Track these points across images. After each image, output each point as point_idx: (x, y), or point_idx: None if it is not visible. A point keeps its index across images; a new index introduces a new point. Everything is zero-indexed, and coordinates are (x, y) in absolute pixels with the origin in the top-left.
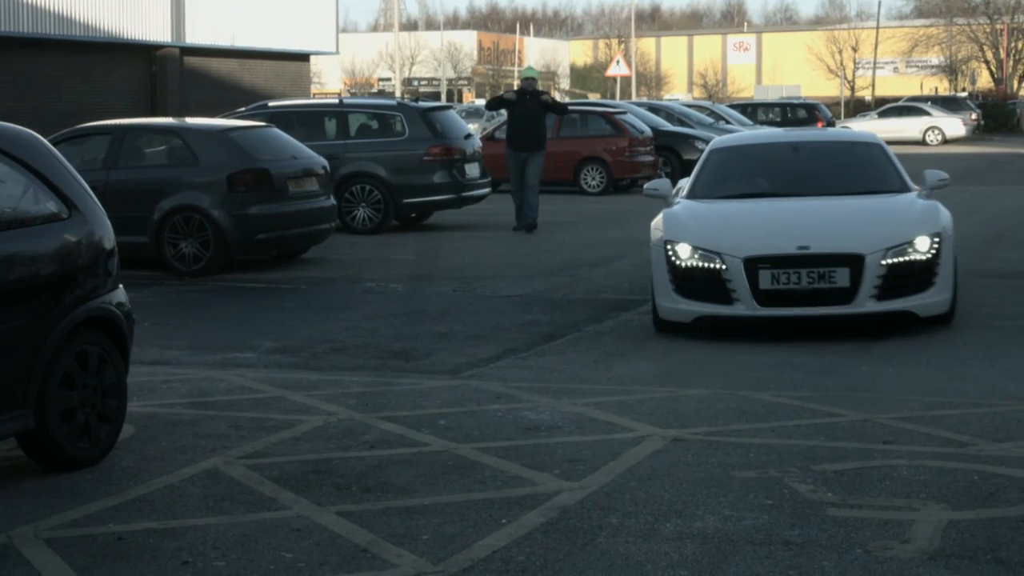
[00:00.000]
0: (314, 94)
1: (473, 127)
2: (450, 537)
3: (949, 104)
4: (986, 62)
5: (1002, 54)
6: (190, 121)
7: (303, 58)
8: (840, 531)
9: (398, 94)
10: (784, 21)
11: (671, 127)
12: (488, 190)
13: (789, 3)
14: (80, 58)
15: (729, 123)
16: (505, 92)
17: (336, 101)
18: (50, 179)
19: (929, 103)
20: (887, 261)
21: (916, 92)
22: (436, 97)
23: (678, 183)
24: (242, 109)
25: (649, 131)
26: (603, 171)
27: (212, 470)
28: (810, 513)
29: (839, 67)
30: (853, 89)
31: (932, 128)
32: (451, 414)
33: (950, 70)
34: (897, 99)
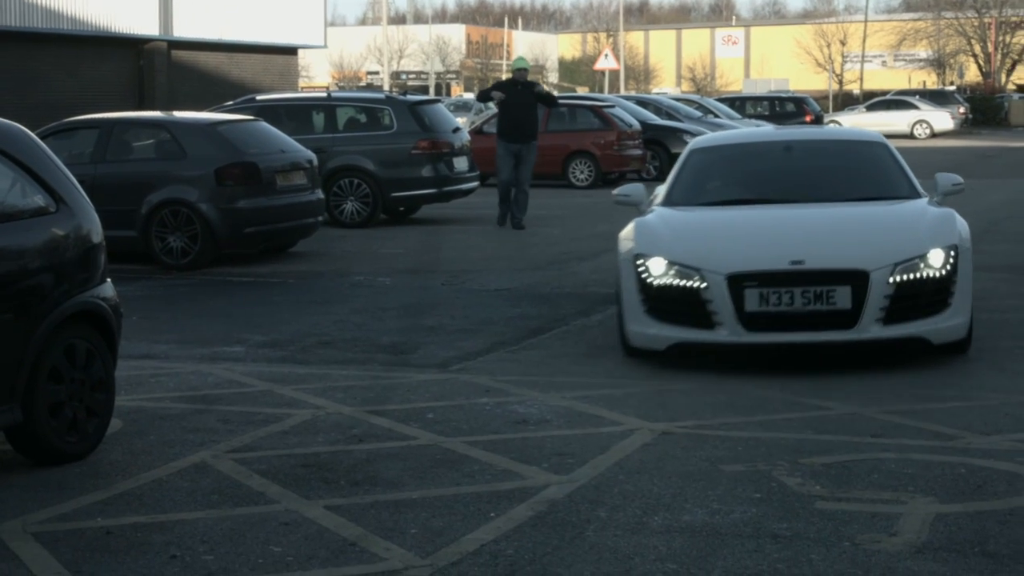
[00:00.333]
0: (302, 88)
1: (461, 121)
2: (438, 531)
3: (937, 98)
4: (974, 56)
5: (990, 48)
6: (178, 115)
7: (291, 52)
8: (828, 524)
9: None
10: (772, 15)
11: (659, 121)
12: (476, 184)
13: None
14: (68, 52)
15: (718, 117)
16: (495, 83)
17: (324, 95)
18: (38, 173)
19: (917, 97)
20: (896, 279)
21: (904, 86)
22: (424, 91)
23: (655, 190)
24: (230, 103)
25: (637, 125)
26: (591, 165)
27: (200, 464)
28: (798, 506)
29: (827, 61)
30: (841, 83)
31: (920, 122)
32: (440, 408)
33: (938, 64)
34: (885, 93)
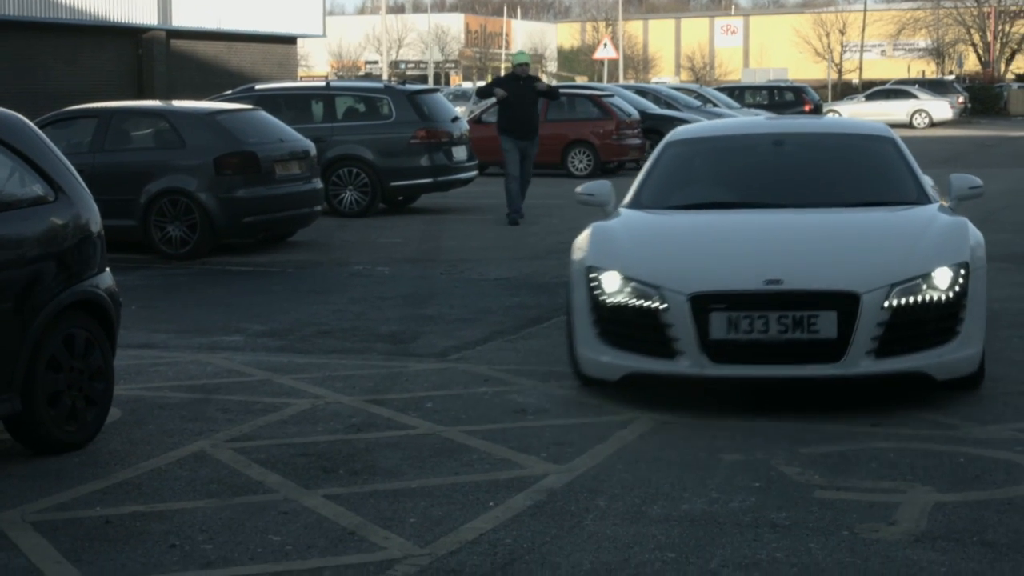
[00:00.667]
0: (301, 77)
1: (460, 110)
2: (437, 520)
3: (936, 87)
4: (973, 45)
5: (989, 37)
6: (177, 104)
7: (290, 41)
8: (827, 513)
9: (385, 77)
10: (771, 4)
11: (659, 110)
12: (475, 173)
13: None
14: (67, 41)
15: (716, 106)
16: (496, 79)
17: (323, 84)
18: (36, 162)
19: (916, 86)
20: (892, 303)
21: (903, 75)
22: (423, 80)
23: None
24: (229, 92)
25: (636, 114)
26: (590, 154)
27: (199, 453)
28: (797, 495)
29: (826, 50)
30: (840, 72)
31: (919, 111)
32: (438, 397)
33: (937, 53)
34: (884, 82)
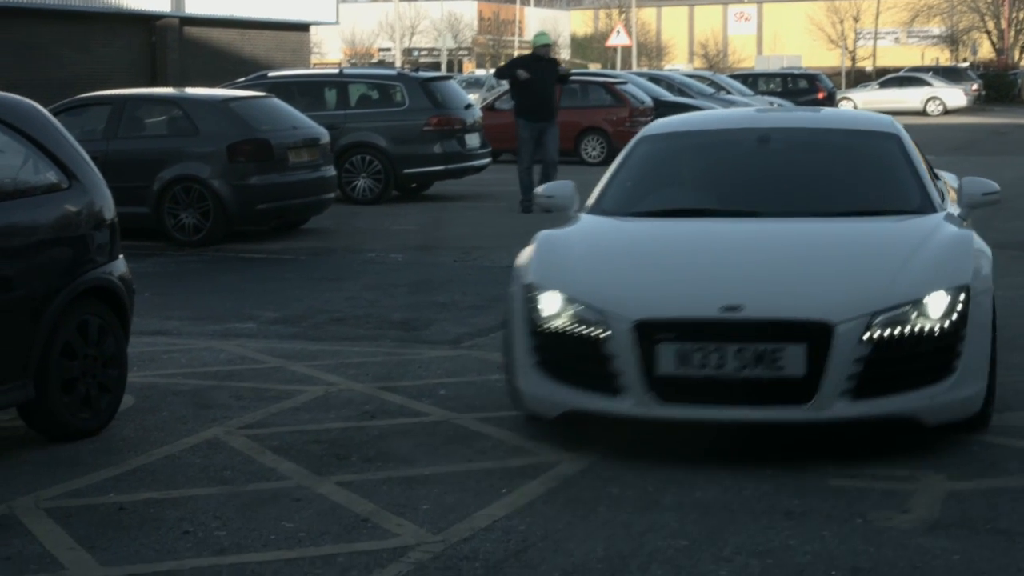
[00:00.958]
0: (314, 64)
1: (473, 97)
2: (450, 507)
3: (950, 74)
4: (987, 32)
5: (1003, 24)
6: (190, 91)
7: (303, 28)
8: (841, 501)
9: (398, 64)
10: None
11: (672, 97)
12: (488, 160)
13: None
14: (80, 28)
15: (730, 93)
16: (516, 59)
17: (336, 71)
18: (50, 149)
19: (930, 73)
20: (873, 334)
21: (917, 62)
22: (436, 67)
23: None
24: (242, 79)
25: (650, 101)
26: (604, 141)
27: (212, 440)
28: (811, 483)
29: (840, 37)
30: (854, 59)
31: (933, 98)
32: (451, 384)
33: (951, 40)
34: (898, 69)
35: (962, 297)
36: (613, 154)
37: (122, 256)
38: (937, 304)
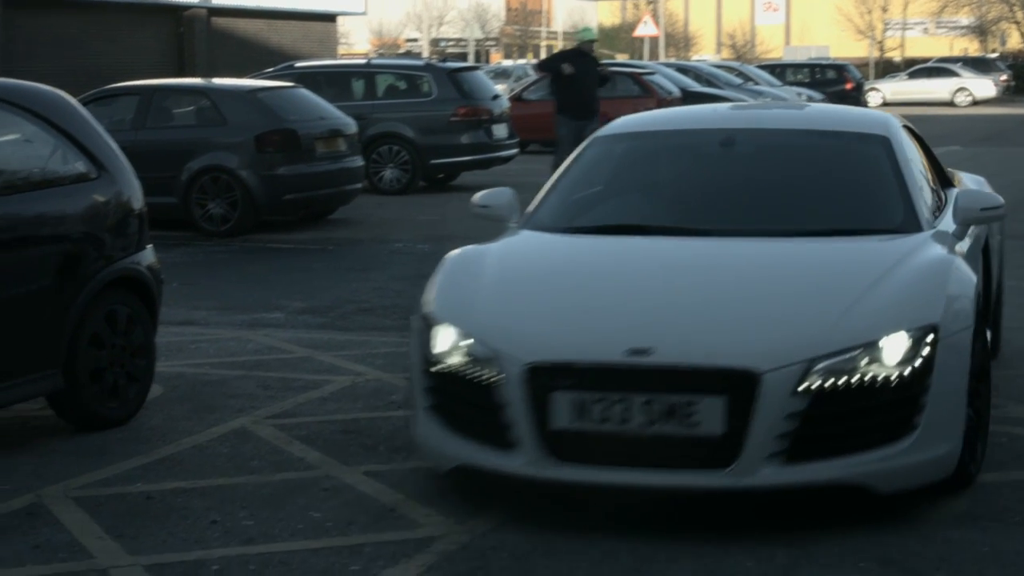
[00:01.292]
0: (341, 55)
1: (501, 88)
2: (478, 497)
3: (979, 65)
4: (1016, 23)
5: None
6: (218, 82)
7: (330, 19)
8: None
9: (425, 55)
10: None
11: (699, 88)
12: (516, 151)
13: None
14: (108, 19)
15: (757, 84)
16: (560, 53)
17: (363, 62)
18: (79, 139)
19: (959, 64)
20: (812, 384)
21: (946, 53)
22: (463, 58)
23: None
24: (269, 70)
25: (678, 92)
26: None
27: (240, 430)
28: None
29: (868, 28)
30: (882, 50)
31: (961, 89)
32: None
33: (980, 31)
34: (927, 60)
35: (929, 339)
36: None
37: (151, 246)
38: (895, 348)
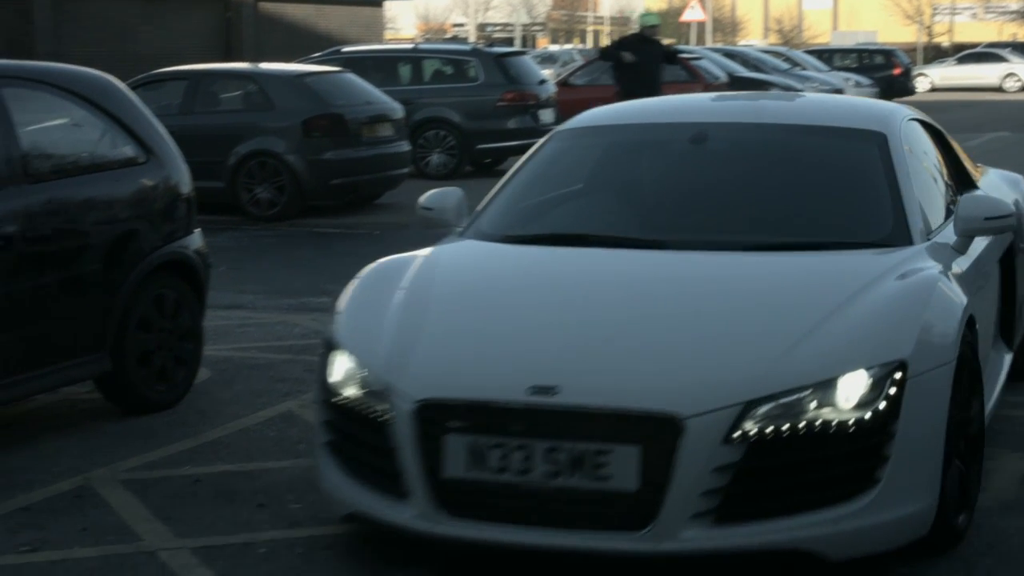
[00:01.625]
0: (388, 40)
1: (547, 73)
2: None
3: None
4: None
5: None
6: (265, 66)
7: (377, 4)
8: None
9: (472, 40)
10: None
11: (747, 73)
12: None
13: None
14: (157, 4)
15: (804, 69)
16: (622, 40)
17: (410, 47)
18: (128, 124)
19: (1008, 49)
20: (748, 432)
21: (995, 38)
22: (510, 43)
23: None
24: (317, 55)
25: (725, 77)
26: None
27: (287, 414)
28: None
29: (917, 13)
30: (930, 35)
31: (1010, 75)
32: None
33: None
34: (975, 45)
35: (897, 376)
36: None
37: (198, 230)
38: (853, 388)
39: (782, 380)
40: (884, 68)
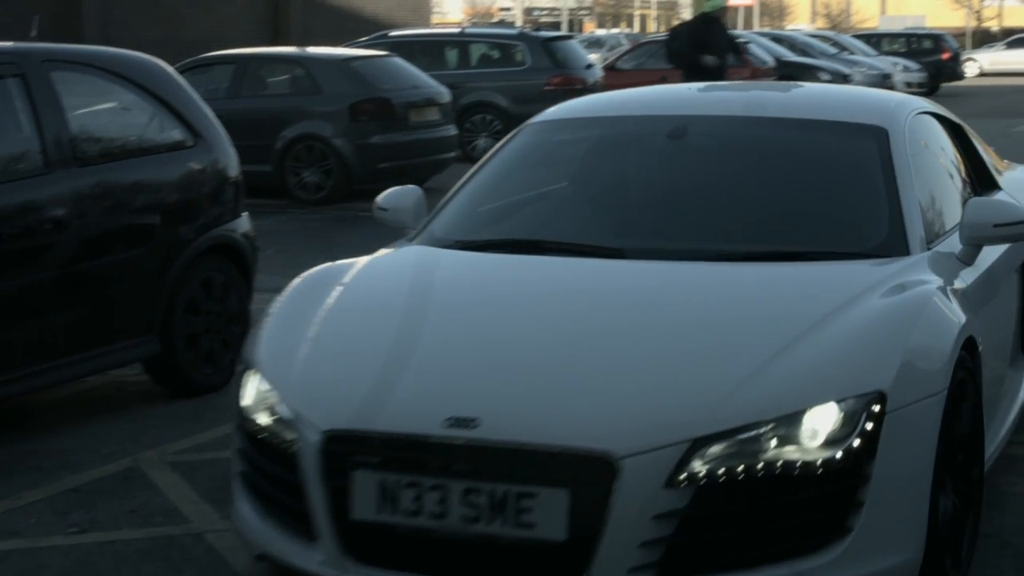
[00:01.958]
0: (435, 24)
1: (594, 57)
2: None
3: None
4: None
5: None
6: (312, 51)
7: None
8: None
9: (519, 24)
10: None
11: (794, 57)
12: None
13: None
14: None
15: (852, 53)
16: (686, 28)
17: (457, 31)
18: (176, 107)
19: None
20: (696, 474)
21: None
22: (556, 27)
23: None
24: (364, 39)
25: (772, 61)
26: None
27: None
28: None
29: None
30: (979, 19)
31: None
32: None
33: None
34: None
35: (874, 410)
36: None
37: (246, 213)
38: (820, 423)
39: (738, 414)
40: (933, 53)
